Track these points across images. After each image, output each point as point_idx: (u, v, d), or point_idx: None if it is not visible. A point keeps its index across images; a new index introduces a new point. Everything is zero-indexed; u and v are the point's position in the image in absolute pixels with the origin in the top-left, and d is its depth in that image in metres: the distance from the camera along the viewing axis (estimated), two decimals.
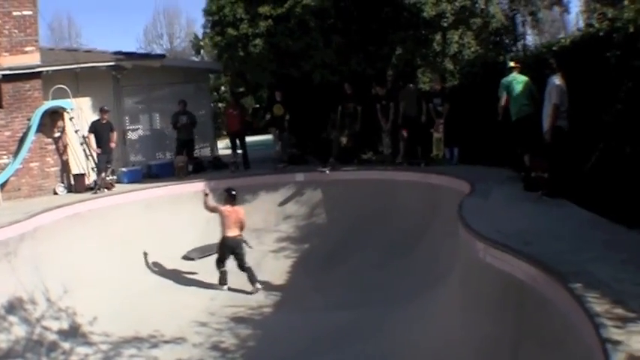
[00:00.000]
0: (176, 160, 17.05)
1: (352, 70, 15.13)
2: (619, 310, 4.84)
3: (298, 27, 14.85)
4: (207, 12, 16.19)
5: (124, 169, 17.04)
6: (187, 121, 17.22)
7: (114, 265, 12.60)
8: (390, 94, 15.36)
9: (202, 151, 19.23)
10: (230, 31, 15.34)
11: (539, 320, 5.97)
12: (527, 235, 7.45)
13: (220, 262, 12.91)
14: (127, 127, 17.96)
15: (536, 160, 10.26)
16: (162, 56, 17.14)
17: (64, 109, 15.62)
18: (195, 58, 33.82)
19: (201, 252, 14.18)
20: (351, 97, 15.84)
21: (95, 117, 16.45)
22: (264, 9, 14.99)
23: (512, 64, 11.52)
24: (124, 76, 17.34)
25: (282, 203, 15.74)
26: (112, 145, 15.84)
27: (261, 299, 12.51)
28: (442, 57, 13.86)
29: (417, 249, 12.42)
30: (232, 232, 12.72)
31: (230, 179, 16.26)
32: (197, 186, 15.85)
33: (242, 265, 12.85)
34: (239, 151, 17.57)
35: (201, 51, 31.66)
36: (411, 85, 15.01)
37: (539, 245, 6.94)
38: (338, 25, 14.62)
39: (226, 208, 12.84)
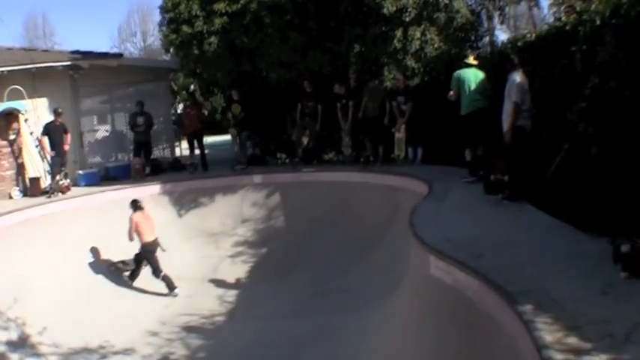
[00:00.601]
0: (133, 162, 16.14)
1: (309, 68, 14.27)
2: (572, 340, 4.09)
3: (254, 23, 14.00)
4: (163, 9, 15.28)
5: (80, 172, 16.10)
6: (144, 122, 16.32)
7: (66, 273, 11.78)
8: (351, 93, 14.51)
9: (164, 152, 18.27)
10: (185, 28, 14.46)
11: (488, 344, 5.18)
12: (480, 245, 6.70)
13: (156, 271, 12.28)
14: (85, 129, 16.98)
15: (495, 162, 9.50)
16: (119, 55, 16.20)
17: (18, 111, 14.81)
18: (166, 57, 32.69)
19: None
20: (311, 96, 15.01)
21: (52, 118, 15.55)
22: (219, 5, 14.11)
23: (471, 59, 10.83)
24: (81, 76, 16.37)
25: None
26: (66, 147, 14.90)
27: (215, 307, 11.84)
28: (403, 54, 13.01)
29: (375, 254, 11.68)
30: (150, 237, 12.30)
31: (187, 181, 15.49)
32: (154, 189, 15.08)
33: (157, 272, 12.30)
34: (197, 152, 16.65)
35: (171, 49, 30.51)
36: (376, 82, 14.17)
37: (492, 257, 6.18)
38: (295, 22, 13.78)
39: (136, 216, 12.34)
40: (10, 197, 14.75)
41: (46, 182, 14.98)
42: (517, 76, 8.72)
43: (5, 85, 14.82)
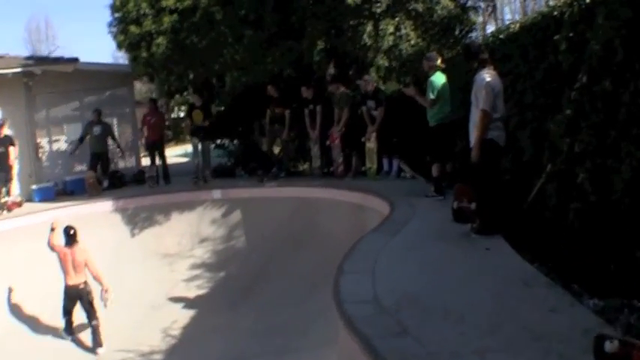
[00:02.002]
0: (86, 175, 14.08)
1: (268, 70, 12.04)
2: None
3: (205, 21, 11.79)
4: (112, 8, 13.13)
5: (34, 187, 14.16)
6: (101, 131, 14.31)
7: None
8: (319, 97, 12.29)
9: (126, 163, 16.20)
10: (132, 28, 12.34)
11: None
12: (415, 310, 4.54)
13: (66, 311, 10.04)
14: (42, 140, 14.97)
15: (460, 186, 7.27)
16: (74, 60, 14.16)
17: None
18: None
19: None
20: (279, 101, 12.86)
21: (5, 129, 13.64)
22: (168, 2, 11.96)
23: (439, 61, 8.70)
24: (36, 83, 14.33)
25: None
26: (10, 161, 12.99)
27: (157, 342, 10.00)
28: (374, 52, 10.74)
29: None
30: (73, 280, 9.74)
31: (142, 197, 13.44)
32: (106, 205, 13.03)
33: (89, 319, 9.94)
34: (159, 163, 14.60)
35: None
36: (342, 88, 11.95)
37: (421, 334, 4.02)
38: (250, 18, 11.49)
39: (62, 249, 9.83)
40: None
41: None
42: (486, 75, 6.47)
43: None
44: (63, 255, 9.77)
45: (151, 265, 12.06)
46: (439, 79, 8.66)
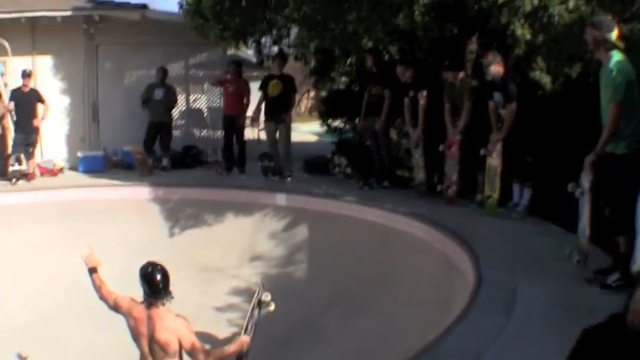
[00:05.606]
0: (133, 149, 11.51)
1: (348, 33, 8.10)
2: None
3: None
4: None
5: (79, 154, 12.00)
6: (163, 96, 11.68)
7: None
8: (422, 81, 8.75)
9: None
10: None
11: None
12: None
13: None
14: (102, 101, 12.67)
15: None
16: (142, 6, 11.64)
17: None
18: None
19: None
20: (378, 77, 9.60)
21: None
22: None
23: (613, 35, 4.94)
24: (98, 31, 12.04)
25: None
26: (37, 122, 10.83)
27: None
28: (510, 14, 6.80)
29: None
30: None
31: (192, 187, 10.70)
32: (143, 192, 10.49)
33: None
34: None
35: None
36: (449, 73, 8.39)
37: None
38: None
39: (135, 308, 4.84)
40: None
41: (23, 162, 10.95)
42: None
43: None
44: (137, 315, 4.83)
45: (182, 279, 8.89)
46: (624, 65, 4.95)
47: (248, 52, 14.16)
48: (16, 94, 10.74)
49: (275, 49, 11.32)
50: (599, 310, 4.51)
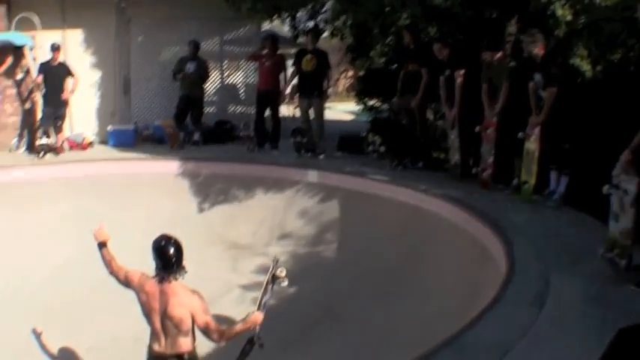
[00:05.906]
0: (164, 123, 11.54)
1: (379, 8, 8.00)
2: None
3: None
4: None
5: (109, 128, 12.05)
6: (195, 69, 11.61)
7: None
8: (458, 60, 8.51)
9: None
10: None
11: None
12: None
13: None
14: (134, 75, 12.73)
15: None
16: None
17: (17, 46, 11.13)
18: None
19: None
20: (415, 53, 9.40)
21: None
22: None
23: None
24: (130, 5, 12.08)
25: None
26: (65, 95, 10.90)
27: None
28: None
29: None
30: (163, 345, 4.70)
31: (223, 163, 10.66)
32: (172, 166, 10.51)
33: None
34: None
35: None
36: (487, 53, 8.09)
37: None
38: None
39: (147, 283, 4.75)
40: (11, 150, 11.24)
41: (52, 136, 11.15)
42: None
43: (19, 11, 11.24)
44: (150, 291, 4.71)
45: (211, 255, 9.21)
46: None
47: (284, 30, 14.01)
48: (45, 68, 10.82)
49: (310, 24, 11.16)
50: (633, 309, 4.36)
